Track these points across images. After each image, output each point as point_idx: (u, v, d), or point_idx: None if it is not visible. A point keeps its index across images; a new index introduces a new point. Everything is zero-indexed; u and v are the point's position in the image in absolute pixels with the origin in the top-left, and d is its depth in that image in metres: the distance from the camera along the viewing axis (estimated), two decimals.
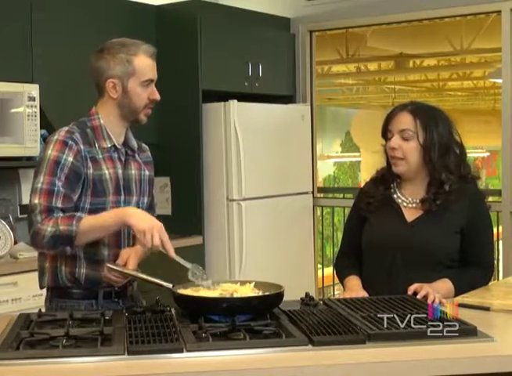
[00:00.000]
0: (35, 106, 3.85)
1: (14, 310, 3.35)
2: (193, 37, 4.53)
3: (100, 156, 2.33)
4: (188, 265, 2.20)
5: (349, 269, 2.65)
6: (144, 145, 2.53)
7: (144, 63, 2.32)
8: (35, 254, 3.78)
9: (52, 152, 2.26)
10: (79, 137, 2.30)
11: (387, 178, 2.64)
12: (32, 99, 3.84)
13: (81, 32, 4.22)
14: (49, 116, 4.01)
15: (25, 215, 4.03)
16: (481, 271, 2.58)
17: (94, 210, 2.29)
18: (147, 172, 2.48)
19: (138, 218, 2.18)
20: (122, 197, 2.36)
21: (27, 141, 3.81)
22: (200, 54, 4.50)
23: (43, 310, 2.19)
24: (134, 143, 2.44)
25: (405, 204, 2.59)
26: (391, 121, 2.56)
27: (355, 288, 2.54)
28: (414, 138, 2.52)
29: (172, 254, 2.17)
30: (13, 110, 3.80)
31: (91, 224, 2.21)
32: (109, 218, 2.23)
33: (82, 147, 2.29)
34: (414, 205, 2.58)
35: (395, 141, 2.53)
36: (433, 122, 2.53)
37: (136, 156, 2.45)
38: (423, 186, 2.58)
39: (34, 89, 3.85)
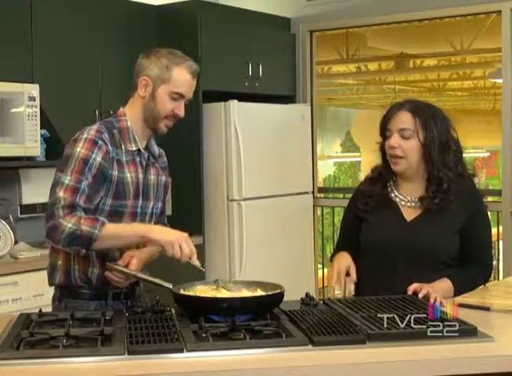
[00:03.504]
0: (35, 106, 3.85)
1: (14, 310, 3.36)
2: (193, 37, 4.53)
3: (124, 158, 2.33)
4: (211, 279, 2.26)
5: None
6: (161, 150, 2.52)
7: (182, 76, 2.32)
8: (35, 254, 3.84)
9: (81, 150, 2.24)
10: (108, 138, 2.29)
11: (383, 177, 2.63)
12: (32, 99, 3.84)
13: (81, 32, 4.23)
14: (49, 116, 4.01)
15: (25, 215, 4.10)
16: (480, 270, 2.58)
17: (113, 212, 2.30)
18: (164, 178, 2.48)
19: (161, 232, 2.24)
20: (140, 202, 2.37)
21: (27, 141, 3.81)
22: (200, 54, 4.50)
23: (44, 310, 2.18)
24: (156, 149, 2.45)
25: (403, 203, 2.58)
26: (390, 120, 2.55)
27: (340, 258, 2.56)
28: (414, 136, 2.51)
29: (199, 265, 2.23)
30: (13, 110, 3.80)
31: (113, 232, 2.21)
32: (129, 230, 2.25)
33: (111, 148, 2.29)
34: (413, 204, 2.57)
35: (395, 140, 2.52)
36: (432, 120, 2.52)
37: (156, 162, 2.46)
38: (422, 184, 2.57)
39: (34, 89, 3.85)
